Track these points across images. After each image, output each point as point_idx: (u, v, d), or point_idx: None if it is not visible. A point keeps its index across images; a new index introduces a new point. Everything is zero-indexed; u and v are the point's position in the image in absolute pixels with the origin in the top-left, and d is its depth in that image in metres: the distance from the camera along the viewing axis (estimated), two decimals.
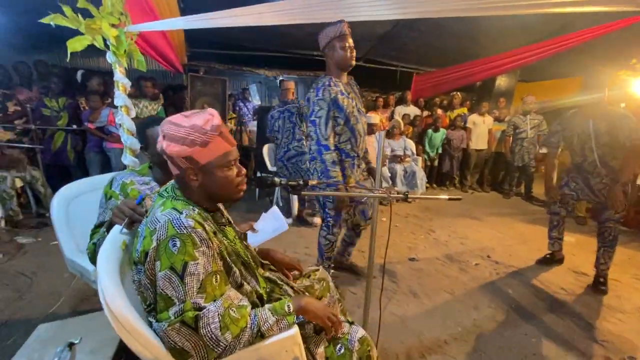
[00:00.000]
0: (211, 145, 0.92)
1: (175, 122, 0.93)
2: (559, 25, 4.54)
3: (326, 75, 2.00)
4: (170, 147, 0.91)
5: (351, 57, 1.97)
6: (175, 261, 0.83)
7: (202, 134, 0.90)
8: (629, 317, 2.15)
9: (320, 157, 1.94)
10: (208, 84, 4.34)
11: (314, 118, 1.95)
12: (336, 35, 1.93)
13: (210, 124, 0.91)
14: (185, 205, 0.93)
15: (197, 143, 0.90)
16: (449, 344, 1.82)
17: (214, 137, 0.92)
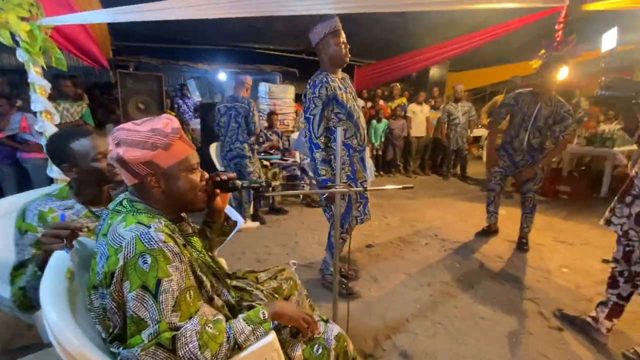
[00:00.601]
0: (173, 149, 0.89)
1: (130, 128, 0.87)
2: (481, 19, 5.00)
3: (322, 72, 1.96)
4: (128, 152, 0.84)
5: (346, 54, 1.94)
6: (147, 279, 0.77)
7: (163, 137, 0.87)
8: (553, 274, 2.51)
9: (311, 155, 1.93)
10: (141, 81, 3.97)
11: (308, 115, 1.91)
12: (330, 30, 1.89)
13: (170, 126, 0.89)
14: (151, 219, 0.86)
15: (159, 146, 0.86)
16: (410, 321, 1.96)
17: (175, 140, 0.89)
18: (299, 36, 6.02)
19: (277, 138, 4.44)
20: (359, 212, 2.08)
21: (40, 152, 3.04)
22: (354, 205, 2.06)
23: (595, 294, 2.25)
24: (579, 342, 1.80)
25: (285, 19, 5.05)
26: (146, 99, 3.89)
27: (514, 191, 4.65)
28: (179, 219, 1.01)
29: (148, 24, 4.38)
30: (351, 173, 2.03)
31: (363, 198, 2.08)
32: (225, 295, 1.05)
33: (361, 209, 2.08)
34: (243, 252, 2.80)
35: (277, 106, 5.62)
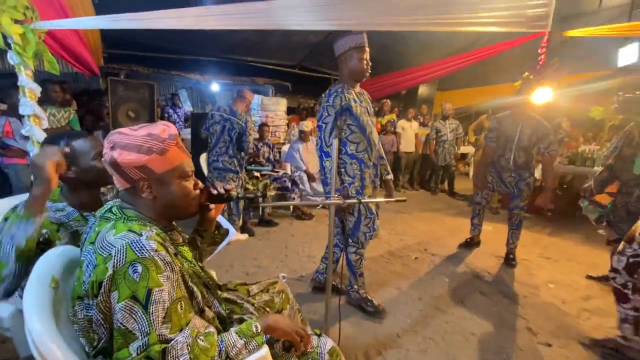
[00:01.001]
0: (169, 155, 0.88)
1: (126, 132, 0.86)
2: (469, 41, 5.21)
3: (339, 82, 1.97)
4: (123, 155, 0.84)
5: (366, 70, 1.94)
6: (137, 289, 0.74)
7: (159, 142, 0.86)
8: (540, 290, 2.55)
9: (321, 163, 1.90)
10: (132, 89, 3.93)
11: (320, 123, 1.91)
12: (356, 45, 1.90)
13: (167, 132, 0.89)
14: (142, 226, 0.84)
15: (155, 151, 0.85)
16: (401, 336, 1.94)
17: (171, 146, 0.88)
18: (292, 51, 6.13)
19: (269, 150, 4.43)
20: (367, 228, 2.02)
21: (23, 157, 2.95)
22: (363, 222, 2.00)
23: (581, 310, 2.28)
24: (566, 358, 1.81)
25: (279, 34, 5.15)
26: (137, 107, 3.85)
27: (500, 207, 4.74)
28: (169, 228, 0.99)
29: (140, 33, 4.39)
30: (360, 188, 1.98)
31: (371, 214, 2.01)
32: (216, 307, 1.02)
33: (370, 225, 2.02)
34: (231, 264, 2.74)
35: (269, 118, 5.64)
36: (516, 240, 2.95)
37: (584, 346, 1.91)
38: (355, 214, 1.99)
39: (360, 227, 2.01)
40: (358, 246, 2.06)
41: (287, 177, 4.06)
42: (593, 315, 2.22)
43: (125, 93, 3.84)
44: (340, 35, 1.93)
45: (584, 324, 2.13)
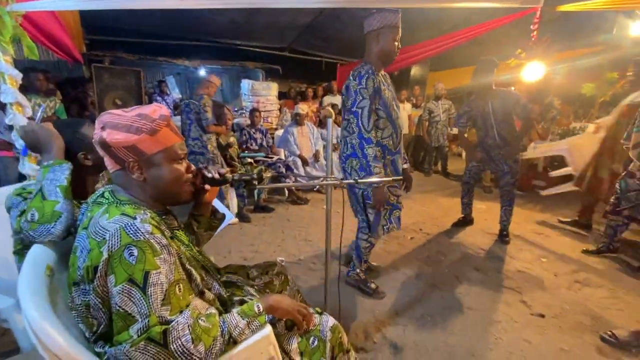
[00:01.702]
0: (159, 135, 0.86)
1: (117, 113, 0.85)
2: (461, 19, 5.13)
3: (366, 64, 1.82)
4: (112, 134, 0.82)
5: (397, 53, 1.84)
6: (134, 272, 0.73)
7: (149, 122, 0.85)
8: (533, 264, 2.61)
9: (362, 151, 1.78)
10: (118, 76, 3.81)
11: (355, 109, 1.77)
12: (392, 23, 1.76)
13: (158, 113, 0.87)
14: (136, 210, 0.82)
15: (144, 131, 0.84)
16: (400, 314, 1.98)
17: (162, 127, 0.87)
18: (281, 33, 5.97)
19: (261, 136, 4.38)
20: (385, 220, 1.97)
21: (9, 149, 2.86)
22: (383, 214, 1.96)
23: (572, 282, 2.35)
24: (559, 328, 1.87)
25: (266, 14, 4.99)
26: (123, 94, 3.74)
27: (493, 186, 4.79)
28: (164, 212, 0.98)
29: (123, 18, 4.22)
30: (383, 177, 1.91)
31: (388, 204, 1.95)
32: (216, 289, 1.02)
33: (387, 216, 1.98)
34: (229, 250, 2.75)
35: (261, 103, 5.55)
36: (509, 217, 3.01)
37: (575, 315, 1.98)
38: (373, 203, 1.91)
39: (380, 218, 1.96)
40: (370, 234, 2.03)
41: (281, 162, 4.03)
42: (584, 287, 2.29)
43: (110, 80, 3.73)
44: (374, 11, 1.79)
45: (575, 294, 2.20)
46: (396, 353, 1.67)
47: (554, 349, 1.72)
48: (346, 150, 1.92)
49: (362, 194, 1.94)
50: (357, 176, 1.86)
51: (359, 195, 1.97)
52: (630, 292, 2.23)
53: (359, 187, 1.92)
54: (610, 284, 2.33)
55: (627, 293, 2.21)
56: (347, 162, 1.93)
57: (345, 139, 1.92)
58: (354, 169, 1.89)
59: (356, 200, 2.02)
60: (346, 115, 1.88)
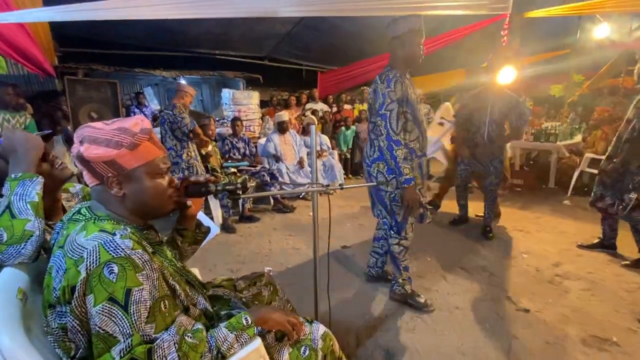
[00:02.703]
0: (140, 149, 0.84)
1: (96, 126, 0.82)
2: (434, 25, 5.29)
3: (392, 69, 1.82)
4: (90, 149, 0.79)
5: (422, 57, 1.83)
6: (115, 290, 0.70)
7: (129, 136, 0.82)
8: (515, 261, 2.68)
9: (390, 153, 1.77)
10: (92, 88, 3.70)
11: (384, 112, 1.76)
12: (417, 28, 1.77)
13: (139, 127, 0.84)
14: (115, 225, 0.80)
15: (124, 145, 0.81)
16: (390, 317, 1.98)
17: (143, 141, 0.84)
18: (259, 42, 6.00)
19: (244, 145, 4.34)
20: (413, 218, 1.97)
21: None
22: (404, 212, 1.93)
23: (553, 276, 2.43)
24: (543, 321, 1.92)
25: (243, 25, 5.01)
26: (99, 107, 3.63)
27: (476, 186, 4.92)
28: (145, 227, 0.94)
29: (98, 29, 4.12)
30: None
31: (421, 205, 1.94)
32: (201, 304, 0.99)
33: (417, 216, 1.99)
34: (214, 264, 2.68)
35: (242, 112, 5.51)
36: (491, 213, 3.13)
37: (558, 308, 2.03)
38: (403, 205, 1.89)
39: (408, 219, 1.95)
40: (401, 237, 1.98)
41: (265, 171, 4.00)
42: (564, 280, 2.37)
43: (85, 93, 3.61)
44: (397, 17, 1.80)
45: (557, 288, 2.27)
46: (388, 358, 1.67)
47: (539, 342, 1.76)
48: (373, 153, 1.92)
49: (389, 196, 1.92)
50: (385, 179, 1.88)
51: (386, 198, 1.94)
52: (609, 283, 2.32)
53: (386, 190, 1.91)
54: (589, 276, 2.42)
55: (605, 284, 2.30)
56: (373, 166, 1.92)
57: (372, 141, 1.92)
58: (380, 172, 1.89)
59: (382, 203, 1.99)
60: (373, 118, 1.88)
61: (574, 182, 4.38)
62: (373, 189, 2.02)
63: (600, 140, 4.33)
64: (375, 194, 2.03)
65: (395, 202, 1.91)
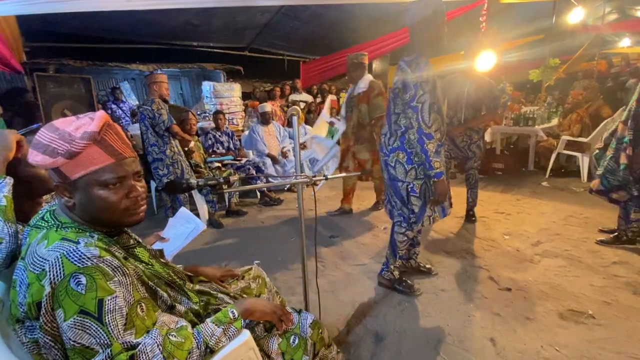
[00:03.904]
0: (82, 157, 0.74)
1: (44, 128, 0.76)
2: None
3: (419, 55, 1.73)
4: (32, 155, 0.74)
5: (446, 37, 1.75)
6: (85, 302, 0.67)
7: (66, 142, 0.73)
8: (497, 242, 2.77)
9: (421, 147, 1.71)
10: (65, 84, 3.55)
11: (415, 103, 1.67)
12: (439, 9, 1.68)
13: (82, 130, 0.74)
14: (79, 233, 0.76)
15: (60, 153, 0.73)
16: (378, 303, 2.02)
17: (86, 147, 0.74)
18: (239, 33, 5.86)
19: (227, 139, 4.28)
20: (431, 210, 1.92)
21: None
22: (429, 204, 1.90)
23: (533, 255, 2.52)
24: (524, 299, 2.01)
25: (223, 14, 4.88)
26: (73, 104, 3.49)
27: (457, 172, 5.02)
28: (115, 232, 0.88)
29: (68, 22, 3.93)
30: None
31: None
32: (186, 304, 0.97)
33: (433, 206, 1.92)
34: (202, 260, 2.66)
35: (224, 105, 5.41)
36: (475, 197, 3.20)
37: (537, 285, 2.12)
38: (421, 197, 1.87)
39: (425, 211, 1.91)
40: (408, 227, 1.96)
41: (250, 164, 3.97)
42: (543, 258, 2.47)
43: (57, 90, 3.46)
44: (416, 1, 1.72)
45: (536, 266, 2.37)
46: (378, 342, 1.71)
47: (520, 318, 1.83)
48: (392, 142, 1.87)
49: (406, 187, 1.89)
50: (404, 169, 1.85)
51: (402, 189, 1.91)
52: (585, 259, 2.43)
53: (403, 181, 1.88)
54: (566, 253, 2.52)
55: (581, 261, 2.41)
56: (391, 155, 1.88)
57: (395, 132, 1.86)
58: (399, 161, 1.85)
59: (397, 195, 1.95)
60: (398, 109, 1.81)
61: (551, 164, 4.53)
62: (389, 180, 1.97)
63: (576, 123, 4.47)
64: (391, 186, 1.98)
65: (413, 194, 1.88)
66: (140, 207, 0.85)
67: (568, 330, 1.74)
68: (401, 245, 2.03)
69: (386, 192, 2.11)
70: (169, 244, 1.31)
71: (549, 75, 5.50)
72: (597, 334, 1.70)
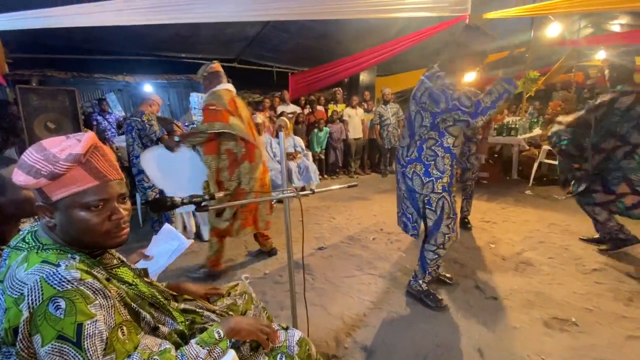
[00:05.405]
0: (65, 179, 0.74)
1: (36, 146, 0.76)
2: (400, 27, 5.44)
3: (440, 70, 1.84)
4: (16, 175, 0.74)
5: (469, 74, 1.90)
6: (64, 327, 0.66)
7: (50, 164, 0.73)
8: (483, 251, 2.82)
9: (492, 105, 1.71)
10: (48, 96, 3.47)
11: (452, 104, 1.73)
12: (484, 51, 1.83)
13: (68, 151, 0.74)
14: (60, 255, 0.75)
15: (43, 174, 0.73)
16: (367, 315, 2.02)
17: (70, 169, 0.74)
18: (228, 45, 5.90)
19: None
20: (448, 229, 1.94)
21: None
22: (445, 222, 1.92)
23: (518, 263, 2.57)
24: (510, 308, 2.04)
25: (212, 27, 4.91)
26: (57, 117, 3.41)
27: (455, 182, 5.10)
28: (98, 253, 0.87)
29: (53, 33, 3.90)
30: (448, 185, 1.90)
31: (454, 215, 1.95)
32: (170, 325, 0.95)
33: (452, 225, 1.94)
34: (186, 277, 2.61)
35: None
36: (470, 207, 3.31)
37: (522, 294, 2.16)
38: (437, 212, 1.90)
39: (440, 227, 1.93)
40: (438, 246, 1.97)
41: None
42: (528, 267, 2.51)
43: (40, 102, 3.38)
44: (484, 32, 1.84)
45: (521, 274, 2.41)
46: (367, 356, 1.71)
47: (506, 327, 1.86)
48: (410, 154, 1.93)
49: (423, 199, 1.93)
50: (421, 182, 1.89)
51: (419, 200, 1.95)
52: (567, 267, 2.49)
53: (421, 193, 1.92)
54: (550, 261, 2.58)
55: (564, 268, 2.47)
56: (409, 167, 1.93)
57: (415, 142, 1.91)
58: (417, 173, 1.90)
59: (415, 207, 2.00)
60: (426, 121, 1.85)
61: (534, 172, 4.66)
62: (407, 191, 2.00)
63: None
64: (408, 196, 2.02)
65: (429, 207, 1.92)
66: (123, 231, 0.84)
67: (553, 338, 1.77)
68: (431, 262, 2.03)
69: (400, 205, 2.14)
70: (153, 262, 1.28)
71: (529, 87, 5.70)
72: (580, 342, 1.73)
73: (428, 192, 1.90)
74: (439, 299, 2.07)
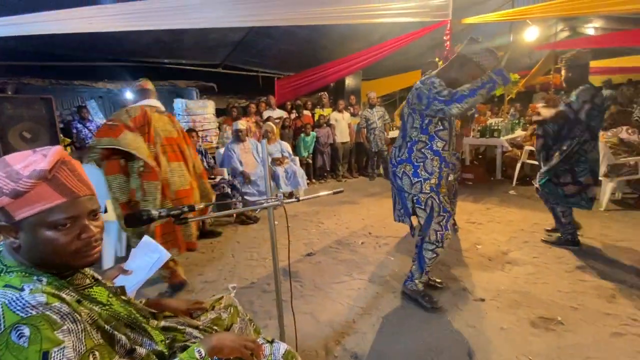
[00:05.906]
0: (29, 197, 0.70)
1: (0, 161, 0.72)
2: (384, 32, 5.50)
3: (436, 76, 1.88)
4: None
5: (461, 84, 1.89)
6: (28, 356, 0.61)
7: (12, 181, 0.69)
8: (469, 252, 2.84)
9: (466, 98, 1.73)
10: (23, 105, 3.36)
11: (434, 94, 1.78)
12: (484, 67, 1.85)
13: (32, 167, 0.70)
14: (24, 278, 0.70)
15: (5, 192, 0.69)
16: (357, 322, 2.00)
17: (34, 186, 0.70)
18: (212, 50, 5.84)
19: (201, 157, 4.18)
20: (439, 226, 1.94)
21: None
22: (435, 219, 1.93)
23: (504, 264, 2.60)
24: (497, 308, 2.05)
25: (195, 33, 4.85)
26: (32, 126, 3.30)
27: None
28: (69, 273, 0.81)
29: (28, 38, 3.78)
30: (436, 186, 1.92)
31: (445, 212, 1.94)
32: (148, 345, 0.91)
33: (443, 223, 1.94)
34: (172, 287, 2.54)
35: (197, 123, 5.32)
36: (455, 208, 3.28)
37: (509, 294, 2.18)
38: (427, 211, 1.94)
39: (431, 225, 1.94)
40: (437, 245, 1.97)
41: (225, 182, 3.89)
42: (514, 267, 2.55)
43: (14, 111, 3.27)
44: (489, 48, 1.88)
45: (507, 275, 2.44)
46: None
47: (494, 329, 1.87)
48: (401, 154, 1.99)
49: (411, 198, 1.97)
50: (410, 182, 1.94)
51: (408, 199, 1.99)
52: (551, 266, 2.53)
53: (409, 192, 1.96)
54: (534, 260, 2.63)
55: (548, 267, 2.52)
56: (399, 167, 1.98)
57: (406, 143, 1.97)
58: (406, 173, 1.95)
59: (404, 204, 2.05)
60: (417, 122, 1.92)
61: (517, 173, 4.76)
62: (397, 189, 2.06)
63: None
64: (398, 195, 2.09)
65: (418, 205, 1.96)
66: (94, 249, 0.79)
67: (540, 338, 1.79)
68: (429, 261, 2.05)
69: (394, 200, 2.20)
70: (131, 277, 1.23)
71: (510, 89, 5.84)
72: (566, 341, 1.76)
73: (417, 192, 1.95)
74: (435, 300, 2.08)
